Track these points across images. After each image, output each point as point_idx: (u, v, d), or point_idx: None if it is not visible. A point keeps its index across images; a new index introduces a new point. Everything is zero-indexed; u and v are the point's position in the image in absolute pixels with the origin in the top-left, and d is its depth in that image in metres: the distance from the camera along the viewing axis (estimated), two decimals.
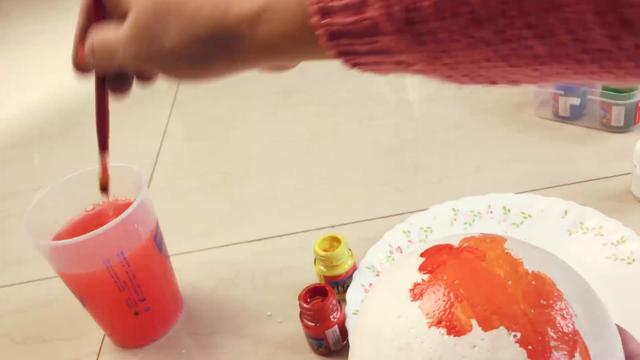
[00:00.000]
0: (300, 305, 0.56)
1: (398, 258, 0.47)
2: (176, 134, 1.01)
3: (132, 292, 0.58)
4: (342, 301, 0.60)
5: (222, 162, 0.91)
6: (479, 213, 0.67)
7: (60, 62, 1.39)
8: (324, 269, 0.61)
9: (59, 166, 0.99)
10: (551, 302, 0.37)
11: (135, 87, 0.44)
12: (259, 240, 0.74)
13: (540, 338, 0.35)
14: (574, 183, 0.71)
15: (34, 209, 0.59)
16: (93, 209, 0.63)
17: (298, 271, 0.68)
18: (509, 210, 0.66)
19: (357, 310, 0.58)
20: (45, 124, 1.13)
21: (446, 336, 0.36)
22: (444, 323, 0.36)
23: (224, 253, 0.73)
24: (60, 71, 1.34)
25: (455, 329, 0.36)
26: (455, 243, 0.41)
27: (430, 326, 0.37)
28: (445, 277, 0.39)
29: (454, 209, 0.68)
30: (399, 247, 0.65)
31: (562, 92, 0.78)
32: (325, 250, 0.60)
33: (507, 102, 0.88)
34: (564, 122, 0.81)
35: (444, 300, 0.37)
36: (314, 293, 0.57)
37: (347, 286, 0.61)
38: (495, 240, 0.41)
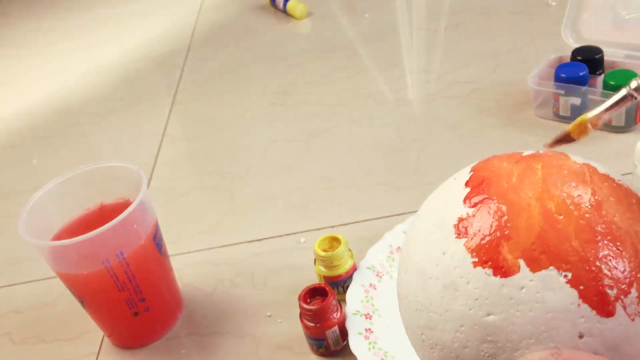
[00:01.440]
0: (300, 305, 0.55)
1: (444, 184, 0.46)
2: (176, 134, 1.01)
3: (132, 292, 0.58)
4: (342, 301, 0.60)
5: (222, 162, 0.90)
6: None
7: (60, 62, 1.39)
8: (324, 269, 0.61)
9: (59, 166, 0.99)
10: (606, 238, 0.34)
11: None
12: (259, 240, 0.74)
13: (593, 277, 0.33)
14: None
15: (32, 209, 0.59)
16: (92, 208, 0.63)
17: (298, 271, 0.68)
18: None
19: (357, 310, 0.58)
20: (45, 123, 1.13)
21: (492, 277, 0.34)
22: (489, 263, 0.35)
23: (224, 253, 0.73)
24: (60, 71, 1.34)
25: (502, 270, 0.34)
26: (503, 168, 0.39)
27: (475, 266, 0.35)
28: (491, 211, 0.36)
29: None
30: (399, 247, 0.64)
31: (563, 92, 0.78)
32: (325, 251, 0.60)
33: (507, 102, 0.88)
34: (564, 122, 0.81)
35: (489, 239, 0.35)
36: (314, 293, 0.57)
37: (347, 286, 0.61)
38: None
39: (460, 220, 0.37)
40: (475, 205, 0.38)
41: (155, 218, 0.61)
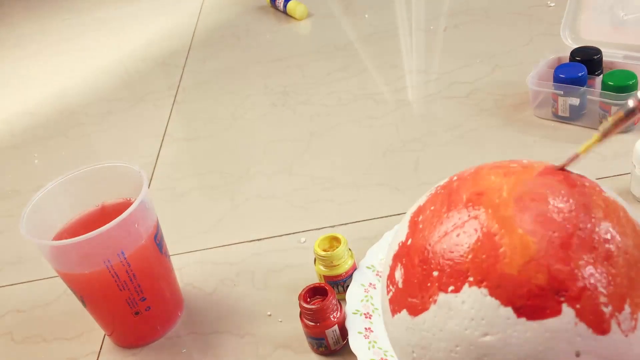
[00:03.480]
0: (300, 304, 0.56)
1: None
2: (176, 134, 1.01)
3: (133, 292, 0.59)
4: (342, 301, 0.60)
5: (222, 162, 0.91)
6: None
7: (60, 62, 1.39)
8: (324, 269, 0.61)
9: (60, 166, 0.99)
10: (600, 255, 0.34)
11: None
12: (259, 240, 0.74)
13: (589, 296, 0.33)
14: None
15: (33, 209, 0.59)
16: (93, 208, 0.64)
17: (298, 271, 0.68)
18: None
19: (357, 310, 0.58)
20: (47, 124, 1.13)
21: (488, 297, 0.34)
22: (485, 283, 0.34)
23: (224, 253, 0.74)
24: (62, 72, 1.34)
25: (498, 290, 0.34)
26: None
27: (470, 285, 0.34)
28: (484, 229, 0.36)
29: None
30: None
31: (562, 93, 0.78)
32: (325, 250, 0.61)
33: (506, 103, 0.88)
34: (563, 122, 0.81)
35: (485, 257, 0.35)
36: (314, 293, 0.57)
37: (347, 286, 0.61)
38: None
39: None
40: (463, 224, 0.37)
41: (156, 218, 0.61)
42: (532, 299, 0.33)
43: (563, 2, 0.86)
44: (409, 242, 0.39)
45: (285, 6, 1.32)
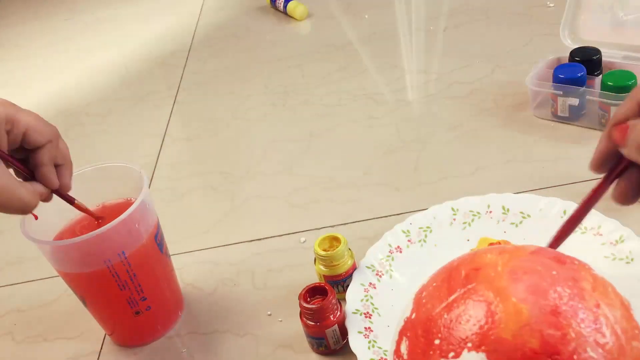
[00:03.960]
0: (300, 304, 0.56)
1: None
2: (177, 134, 1.01)
3: (133, 292, 0.59)
4: (342, 300, 0.60)
5: (222, 162, 0.91)
6: (478, 213, 0.67)
7: (60, 62, 1.39)
8: (324, 269, 0.61)
9: None
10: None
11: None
12: (259, 240, 0.74)
13: None
14: (573, 183, 0.71)
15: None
16: (94, 208, 0.64)
17: (298, 271, 0.68)
18: (508, 210, 0.67)
19: (357, 310, 0.58)
20: None
21: None
22: (483, 347, 0.37)
23: (225, 252, 0.74)
24: (62, 72, 1.34)
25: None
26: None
27: (469, 350, 0.37)
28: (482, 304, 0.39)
29: (453, 209, 0.68)
30: (398, 247, 0.65)
31: (561, 93, 0.79)
32: (325, 250, 0.61)
33: (506, 103, 0.88)
34: (562, 123, 0.82)
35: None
36: (314, 292, 0.57)
37: (347, 286, 0.61)
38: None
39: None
40: (462, 296, 0.40)
41: (156, 218, 0.61)
42: None
43: (562, 3, 0.86)
44: (413, 316, 0.42)
45: (285, 6, 1.32)
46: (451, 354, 0.37)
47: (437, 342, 0.39)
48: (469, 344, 0.37)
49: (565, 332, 0.36)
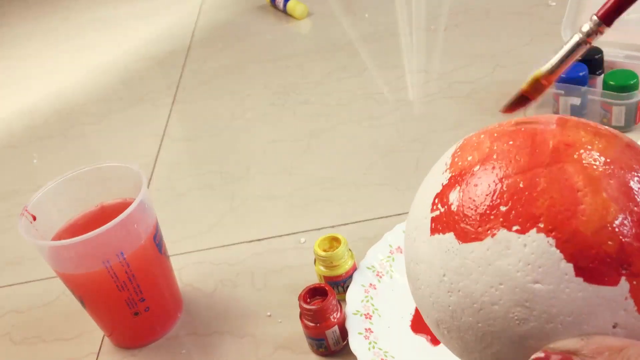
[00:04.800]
0: (300, 305, 0.56)
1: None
2: (176, 134, 1.01)
3: (132, 292, 0.58)
4: (342, 301, 0.60)
5: (222, 162, 0.91)
6: None
7: (59, 61, 1.39)
8: (324, 269, 0.61)
9: (59, 166, 0.99)
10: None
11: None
12: (259, 240, 0.74)
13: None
14: None
15: (32, 209, 0.59)
16: (92, 208, 0.63)
17: (298, 271, 0.68)
18: None
19: (357, 310, 0.58)
20: (45, 124, 1.13)
21: (554, 248, 0.33)
22: (554, 233, 0.33)
23: (224, 253, 0.73)
24: (60, 71, 1.34)
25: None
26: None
27: (539, 232, 0.33)
28: (566, 180, 0.34)
29: None
30: (399, 247, 0.64)
31: (563, 92, 0.78)
32: (325, 251, 0.60)
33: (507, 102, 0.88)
34: None
35: (562, 209, 0.33)
36: (314, 293, 0.57)
37: (347, 286, 0.61)
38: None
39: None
40: (547, 169, 0.35)
41: (155, 218, 0.61)
42: (597, 263, 0.32)
43: (564, 2, 0.86)
44: (477, 168, 0.37)
45: (285, 5, 1.32)
46: (515, 227, 0.33)
47: (503, 208, 0.34)
48: (541, 225, 0.33)
49: None
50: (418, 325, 0.58)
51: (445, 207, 0.37)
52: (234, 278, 0.69)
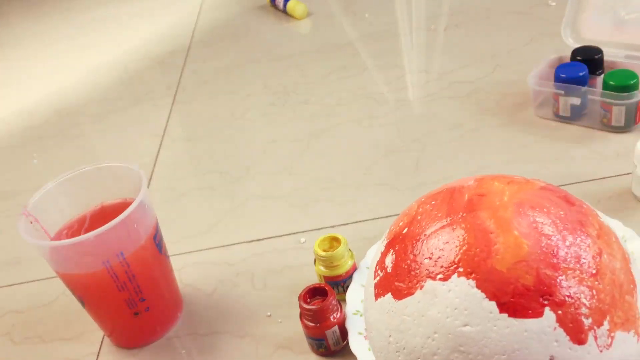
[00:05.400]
0: (300, 305, 0.55)
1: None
2: (176, 134, 1.01)
3: (132, 293, 0.58)
4: (342, 301, 0.60)
5: (222, 162, 0.91)
6: None
7: (59, 61, 1.39)
8: (324, 269, 0.61)
9: (59, 166, 0.99)
10: (588, 270, 0.35)
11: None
12: (259, 240, 0.74)
13: (571, 304, 0.34)
14: (574, 183, 0.71)
15: (32, 209, 0.59)
16: (92, 209, 0.63)
17: (298, 271, 0.68)
18: None
19: (357, 310, 0.58)
20: (45, 124, 1.13)
21: (475, 289, 0.35)
22: (474, 275, 0.35)
23: (224, 253, 0.73)
24: (61, 71, 1.34)
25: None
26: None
27: (459, 276, 0.36)
28: (480, 227, 0.38)
29: None
30: None
31: (563, 92, 0.78)
32: (325, 251, 0.60)
33: (507, 102, 0.88)
34: (564, 122, 0.81)
35: (478, 251, 0.36)
36: (314, 293, 0.57)
37: (347, 286, 0.61)
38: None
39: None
40: (461, 219, 0.38)
41: (155, 218, 0.61)
42: (517, 297, 0.34)
43: (564, 2, 0.86)
44: (405, 230, 0.41)
45: (285, 5, 1.32)
46: (439, 276, 0.36)
47: (426, 261, 0.37)
48: (460, 269, 0.36)
49: (561, 274, 0.35)
50: None
51: (383, 271, 0.41)
52: (234, 278, 0.69)
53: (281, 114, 0.99)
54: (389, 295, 0.39)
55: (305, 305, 0.55)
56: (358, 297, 0.59)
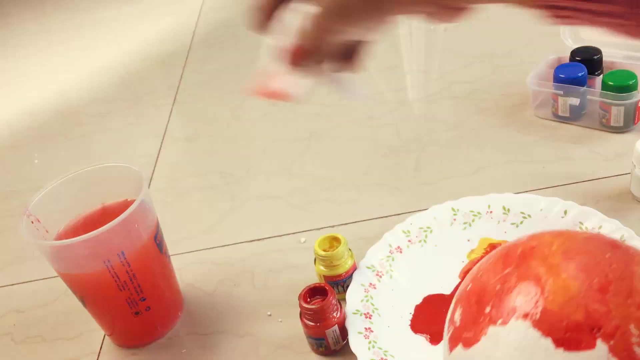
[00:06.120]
0: (300, 304, 0.56)
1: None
2: (176, 134, 1.01)
3: (133, 292, 0.59)
4: (342, 301, 0.60)
5: (222, 162, 0.91)
6: (478, 213, 0.67)
7: (60, 62, 1.39)
8: (324, 269, 0.61)
9: (60, 166, 0.99)
10: (633, 299, 0.38)
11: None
12: (259, 240, 0.74)
13: (622, 333, 0.37)
14: (574, 183, 0.71)
15: (33, 209, 0.59)
16: (93, 209, 0.64)
17: (298, 271, 0.68)
18: (508, 210, 0.66)
19: (357, 310, 0.58)
20: (45, 124, 1.13)
21: (532, 329, 0.38)
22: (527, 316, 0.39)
23: (224, 253, 0.74)
24: (61, 71, 1.34)
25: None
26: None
27: (517, 319, 0.39)
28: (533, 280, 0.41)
29: (453, 209, 0.68)
30: (398, 247, 0.65)
31: (562, 93, 0.78)
32: (325, 250, 0.61)
33: (506, 102, 0.88)
34: (563, 122, 0.81)
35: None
36: (314, 293, 0.57)
37: (347, 286, 0.61)
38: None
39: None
40: (516, 270, 0.42)
41: (156, 218, 0.61)
42: (570, 332, 0.38)
43: None
44: (469, 287, 0.45)
45: None
46: (499, 321, 0.40)
47: (487, 309, 0.41)
48: (517, 313, 0.39)
49: (609, 308, 0.38)
50: (417, 324, 0.58)
51: (453, 326, 0.45)
52: (234, 278, 0.69)
53: (281, 114, 0.99)
54: (459, 346, 0.43)
55: (305, 305, 0.55)
56: (358, 297, 0.59)
